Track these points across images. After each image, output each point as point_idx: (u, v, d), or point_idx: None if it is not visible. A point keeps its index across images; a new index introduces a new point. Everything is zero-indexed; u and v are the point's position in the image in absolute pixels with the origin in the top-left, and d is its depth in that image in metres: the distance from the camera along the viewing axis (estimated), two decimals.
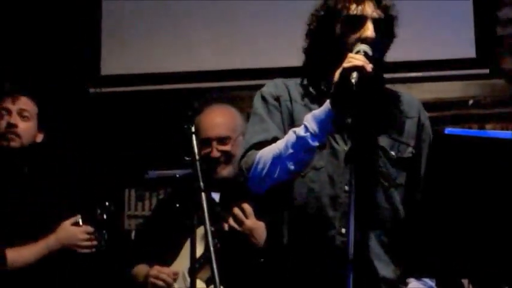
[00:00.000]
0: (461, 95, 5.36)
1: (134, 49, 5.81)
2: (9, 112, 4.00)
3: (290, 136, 2.76)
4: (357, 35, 2.81)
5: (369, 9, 2.84)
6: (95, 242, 3.95)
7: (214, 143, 3.91)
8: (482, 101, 5.35)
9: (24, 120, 4.01)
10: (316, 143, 2.71)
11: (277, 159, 2.76)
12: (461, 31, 5.36)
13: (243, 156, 2.89)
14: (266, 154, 2.81)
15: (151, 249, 3.93)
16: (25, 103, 4.05)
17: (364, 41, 2.78)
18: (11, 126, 3.95)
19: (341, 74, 2.65)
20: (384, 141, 2.90)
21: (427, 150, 2.96)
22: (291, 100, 2.95)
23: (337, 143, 2.86)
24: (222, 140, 3.91)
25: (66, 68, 5.72)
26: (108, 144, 5.61)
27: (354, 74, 2.61)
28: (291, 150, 2.73)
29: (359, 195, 2.74)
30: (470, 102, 5.34)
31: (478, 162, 2.28)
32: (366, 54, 2.72)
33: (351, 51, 2.75)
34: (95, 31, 5.85)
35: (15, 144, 3.95)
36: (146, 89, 5.72)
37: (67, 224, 3.91)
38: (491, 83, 5.36)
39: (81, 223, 3.94)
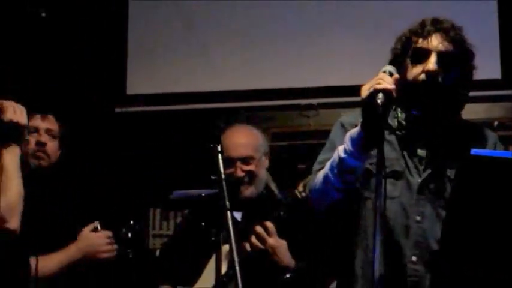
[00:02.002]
0: (486, 117, 5.34)
1: (160, 69, 5.85)
2: (37, 130, 4.00)
3: (335, 157, 2.87)
4: (421, 67, 2.92)
5: (435, 43, 2.94)
6: (115, 246, 3.92)
7: (238, 163, 3.92)
8: (507, 123, 5.33)
9: (51, 139, 4.02)
10: (355, 163, 2.81)
11: (326, 179, 2.88)
12: (487, 52, 5.34)
13: (311, 179, 3.02)
14: (321, 174, 2.93)
15: (176, 267, 3.94)
16: (53, 122, 4.06)
17: (427, 73, 2.88)
18: (41, 145, 3.96)
19: (370, 94, 2.69)
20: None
21: None
22: None
23: (411, 175, 2.94)
24: (246, 160, 3.93)
25: (92, 87, 5.76)
26: (134, 163, 5.63)
27: (380, 95, 2.65)
28: (335, 171, 2.85)
29: (432, 226, 2.88)
30: (496, 123, 5.32)
31: (502, 183, 2.29)
32: (390, 74, 2.78)
33: (416, 82, 2.87)
34: (121, 50, 5.90)
35: (44, 163, 3.95)
36: (172, 109, 5.75)
37: (86, 231, 3.88)
38: None
39: (99, 228, 3.92)
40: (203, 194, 3.60)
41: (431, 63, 2.89)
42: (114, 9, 5.93)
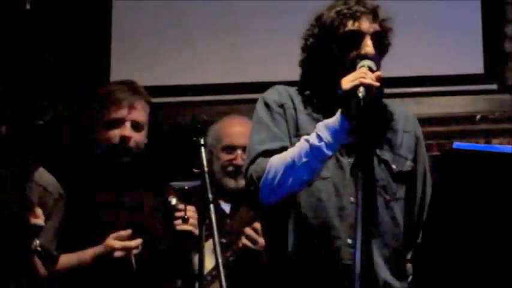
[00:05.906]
0: (469, 110, 5.37)
1: (143, 61, 5.82)
2: (122, 122, 3.71)
3: (303, 145, 2.77)
4: (356, 52, 2.85)
5: (366, 25, 2.88)
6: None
7: (240, 152, 3.92)
8: (490, 116, 5.35)
9: (137, 131, 3.75)
10: (330, 152, 2.74)
11: (290, 168, 2.77)
12: (470, 47, 5.37)
13: (251, 163, 2.89)
14: (277, 163, 2.81)
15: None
16: (140, 112, 3.78)
17: (365, 57, 2.82)
18: (124, 140, 3.68)
19: (354, 87, 2.67)
20: (386, 154, 2.93)
21: (423, 164, 3.04)
22: (295, 108, 2.96)
23: (341, 154, 2.88)
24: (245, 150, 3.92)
25: (75, 78, 5.73)
26: None
27: (361, 89, 2.65)
28: (304, 159, 2.74)
29: (363, 208, 2.74)
30: (478, 117, 5.34)
31: (484, 177, 2.30)
32: (370, 70, 2.76)
33: (352, 67, 2.80)
34: (104, 43, 5.88)
35: (126, 159, 3.70)
36: (155, 101, 5.70)
37: (111, 237, 3.52)
38: (499, 98, 5.36)
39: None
40: (186, 187, 3.58)
41: (369, 46, 2.85)
42: (99, 0, 5.90)
